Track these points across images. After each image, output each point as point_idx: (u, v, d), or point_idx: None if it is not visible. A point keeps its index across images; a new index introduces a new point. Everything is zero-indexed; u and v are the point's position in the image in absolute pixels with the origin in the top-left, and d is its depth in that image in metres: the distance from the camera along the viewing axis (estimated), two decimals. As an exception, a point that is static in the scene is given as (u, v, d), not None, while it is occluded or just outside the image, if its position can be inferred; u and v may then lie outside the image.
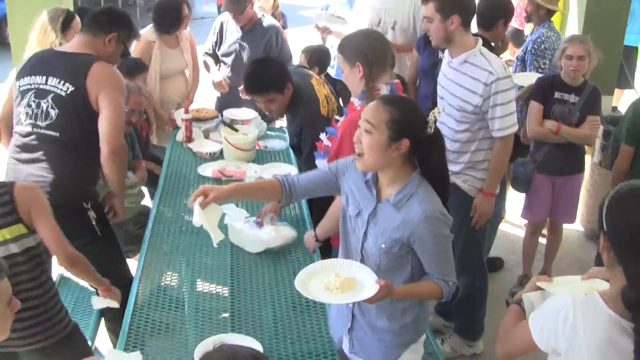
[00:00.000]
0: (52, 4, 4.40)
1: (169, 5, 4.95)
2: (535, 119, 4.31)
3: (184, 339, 2.68)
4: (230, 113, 4.89)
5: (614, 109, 6.17)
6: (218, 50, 5.31)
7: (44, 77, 3.29)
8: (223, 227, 3.37)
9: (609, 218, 1.87)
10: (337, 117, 3.45)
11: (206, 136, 4.66)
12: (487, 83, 3.35)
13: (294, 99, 3.86)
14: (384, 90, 2.98)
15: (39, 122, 3.29)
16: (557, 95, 4.28)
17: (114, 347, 2.62)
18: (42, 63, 3.38)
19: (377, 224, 2.38)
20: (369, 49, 3.01)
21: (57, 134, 3.28)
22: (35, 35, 4.09)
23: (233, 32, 5.21)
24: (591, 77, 4.43)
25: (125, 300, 2.91)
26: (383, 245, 2.35)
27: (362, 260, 2.42)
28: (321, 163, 3.18)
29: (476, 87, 3.39)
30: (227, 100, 5.25)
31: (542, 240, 4.90)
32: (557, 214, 4.52)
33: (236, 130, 4.44)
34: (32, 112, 3.30)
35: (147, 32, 5.06)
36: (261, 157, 4.42)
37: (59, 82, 3.26)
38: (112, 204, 3.57)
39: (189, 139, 4.54)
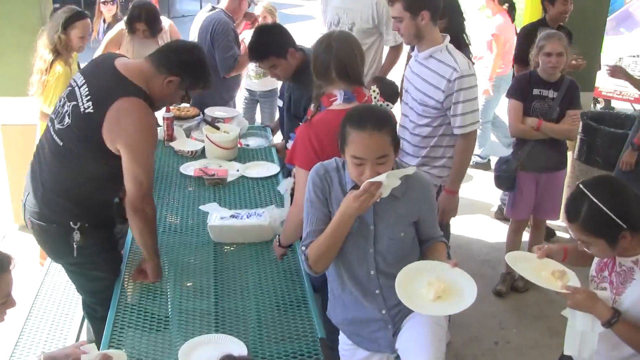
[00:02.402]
0: (32, 4, 4.36)
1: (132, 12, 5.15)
2: (516, 117, 4.32)
3: (168, 339, 2.66)
4: (211, 111, 4.87)
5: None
6: None
7: (83, 81, 2.95)
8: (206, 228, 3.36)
9: (625, 212, 2.22)
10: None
11: (188, 135, 4.64)
12: (450, 79, 3.36)
13: (305, 68, 3.76)
14: (339, 97, 2.94)
15: (55, 121, 2.98)
16: (535, 92, 4.28)
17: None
18: (93, 66, 3.08)
19: (384, 219, 2.47)
20: (314, 59, 3.04)
21: (61, 143, 2.92)
22: (40, 33, 4.20)
23: (235, 29, 5.25)
24: (571, 74, 4.46)
25: (108, 300, 2.89)
26: (402, 234, 2.49)
27: (378, 266, 2.50)
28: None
29: (439, 83, 3.39)
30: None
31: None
32: (541, 211, 4.53)
33: (218, 129, 4.42)
34: (56, 109, 3.02)
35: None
36: (243, 155, 4.41)
37: (86, 96, 2.89)
38: (145, 267, 3.06)
39: (171, 137, 4.51)
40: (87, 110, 2.86)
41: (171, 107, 4.71)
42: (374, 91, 4.01)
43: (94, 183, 2.99)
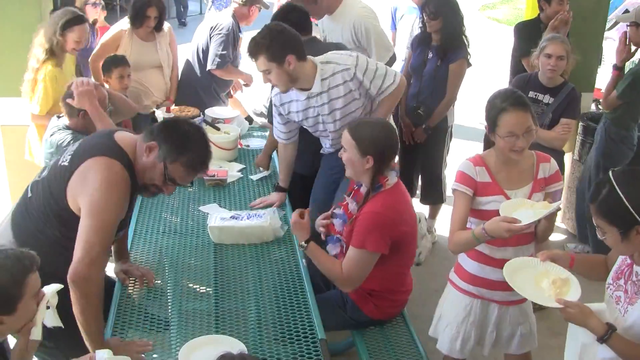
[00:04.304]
0: (32, 4, 4.35)
1: (138, 1, 5.03)
2: None
3: (168, 340, 2.66)
4: (212, 112, 4.88)
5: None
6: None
7: (77, 144, 2.84)
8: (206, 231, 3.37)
9: None
10: (345, 195, 3.21)
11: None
12: (352, 78, 3.42)
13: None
14: (392, 176, 3.00)
15: (37, 175, 2.87)
16: (531, 94, 4.18)
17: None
18: (93, 135, 2.98)
19: None
20: (385, 147, 2.96)
21: (29, 194, 2.79)
22: (37, 30, 4.16)
23: (238, 35, 5.27)
24: (571, 75, 4.43)
25: (108, 301, 2.88)
26: None
27: None
28: (332, 248, 3.14)
29: (348, 89, 3.44)
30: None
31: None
32: None
33: (218, 129, 4.43)
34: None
35: (124, 20, 5.16)
36: (243, 155, 4.41)
37: (70, 153, 2.74)
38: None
39: (171, 138, 4.50)
40: (62, 163, 2.71)
41: (172, 108, 4.72)
42: None
43: (41, 248, 2.35)
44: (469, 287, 3.06)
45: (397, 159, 3.17)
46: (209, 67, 5.17)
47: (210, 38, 5.16)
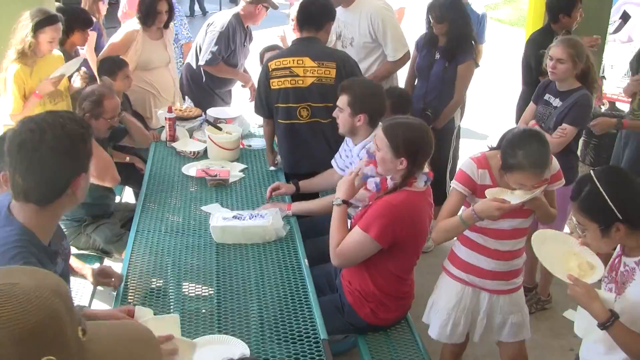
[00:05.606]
0: (33, 5, 4.35)
1: None
2: (523, 118, 4.27)
3: (170, 341, 2.65)
4: (213, 112, 4.88)
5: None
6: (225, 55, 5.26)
7: None
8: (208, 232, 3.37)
9: (624, 204, 2.24)
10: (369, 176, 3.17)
11: (190, 135, 4.64)
12: None
13: None
14: (421, 180, 2.99)
15: None
16: (545, 97, 4.15)
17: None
18: None
19: None
20: (420, 149, 2.95)
21: None
22: (12, 31, 4.11)
23: (240, 34, 5.24)
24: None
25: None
26: None
27: None
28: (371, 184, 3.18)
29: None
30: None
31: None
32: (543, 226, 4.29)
33: (220, 129, 4.43)
34: None
35: (134, 20, 5.14)
36: (245, 155, 4.41)
37: None
38: None
39: (173, 138, 4.51)
40: None
41: (173, 108, 4.72)
42: None
43: None
44: (461, 274, 3.12)
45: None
46: (199, 62, 5.22)
47: (206, 35, 5.19)
